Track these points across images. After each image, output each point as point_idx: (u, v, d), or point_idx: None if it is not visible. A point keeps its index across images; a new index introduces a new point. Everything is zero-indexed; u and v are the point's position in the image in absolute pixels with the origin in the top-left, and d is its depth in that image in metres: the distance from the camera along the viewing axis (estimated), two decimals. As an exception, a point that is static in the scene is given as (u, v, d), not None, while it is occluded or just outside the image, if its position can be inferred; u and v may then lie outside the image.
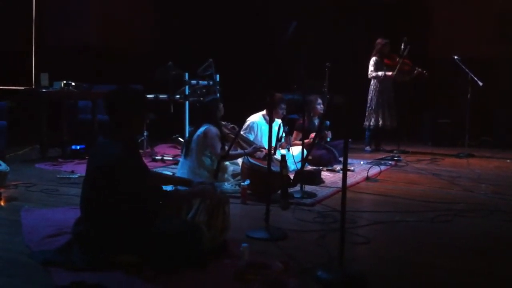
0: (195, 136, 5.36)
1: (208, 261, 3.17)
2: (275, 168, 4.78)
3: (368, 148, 8.80)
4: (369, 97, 8.77)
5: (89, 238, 3.15)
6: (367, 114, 8.73)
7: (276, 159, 5.20)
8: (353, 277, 3.08)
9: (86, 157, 7.10)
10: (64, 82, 7.38)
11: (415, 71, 8.58)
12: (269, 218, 3.89)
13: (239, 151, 5.57)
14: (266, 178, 4.50)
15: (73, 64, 8.67)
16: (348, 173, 6.56)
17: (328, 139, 7.17)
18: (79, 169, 6.30)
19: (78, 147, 7.38)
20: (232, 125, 5.72)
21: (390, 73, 8.48)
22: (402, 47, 8.34)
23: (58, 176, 5.79)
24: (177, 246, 3.12)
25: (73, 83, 7.44)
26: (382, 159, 7.74)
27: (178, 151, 7.65)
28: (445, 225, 4.35)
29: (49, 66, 8.22)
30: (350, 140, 7.60)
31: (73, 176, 5.79)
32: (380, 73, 8.55)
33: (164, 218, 3.32)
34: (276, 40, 4.58)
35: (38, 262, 3.16)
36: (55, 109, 7.72)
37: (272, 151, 5.68)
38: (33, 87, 8.56)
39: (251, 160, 5.24)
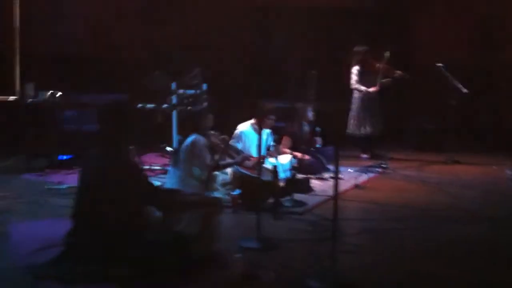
0: (183, 146, 5.36)
1: (199, 271, 3.18)
2: (265, 177, 4.79)
3: (364, 155, 8.78)
4: (354, 106, 8.79)
5: (82, 249, 3.14)
6: (353, 121, 8.74)
7: (266, 169, 5.21)
8: (345, 286, 3.09)
9: (73, 167, 7.10)
10: (50, 92, 7.33)
11: (396, 74, 8.62)
12: (260, 227, 3.90)
13: (228, 160, 5.57)
14: (257, 188, 4.52)
15: (58, 73, 8.58)
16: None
17: (318, 146, 7.19)
18: (67, 179, 6.25)
19: (64, 157, 7.32)
20: (223, 136, 5.71)
21: (371, 89, 8.51)
22: (385, 54, 8.42)
23: (46, 187, 5.74)
24: (167, 256, 3.12)
25: (59, 93, 7.39)
26: (369, 166, 7.76)
27: (166, 160, 7.62)
28: (434, 232, 4.39)
29: (33, 74, 8.14)
30: (335, 147, 7.72)
31: (62, 187, 5.75)
32: (362, 88, 8.56)
33: (154, 230, 3.32)
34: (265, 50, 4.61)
35: (29, 276, 3.13)
36: (40, 118, 7.65)
37: (268, 161, 5.73)
38: (17, 97, 8.49)
39: (240, 169, 5.24)
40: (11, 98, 7.87)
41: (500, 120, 9.99)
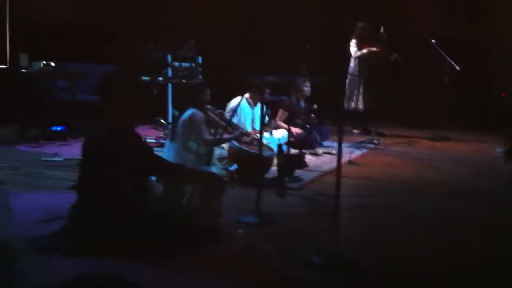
0: (181, 120, 5.38)
1: (200, 244, 3.24)
2: (265, 152, 4.84)
3: (355, 130, 8.87)
4: (347, 80, 8.85)
5: (86, 222, 3.19)
6: (346, 97, 8.81)
7: (265, 144, 5.26)
8: (346, 261, 3.18)
9: (67, 139, 7.12)
10: (44, 62, 7.29)
11: (392, 57, 8.68)
12: (259, 202, 3.96)
13: (226, 135, 5.61)
14: (254, 163, 4.58)
15: (50, 41, 8.50)
16: (330, 156, 6.74)
17: (313, 122, 7.26)
18: (62, 151, 6.27)
19: (58, 129, 7.31)
20: (219, 110, 5.74)
21: (374, 48, 8.57)
22: (381, 30, 8.46)
23: (42, 159, 5.75)
24: (169, 229, 3.19)
25: (52, 64, 7.35)
26: (361, 142, 7.86)
27: (159, 133, 7.65)
28: (427, 207, 4.51)
29: (25, 43, 8.06)
30: (329, 122, 7.79)
31: (58, 159, 5.77)
32: (364, 51, 8.63)
33: (157, 202, 3.38)
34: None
35: (33, 247, 3.18)
36: (33, 89, 7.61)
37: (258, 135, 5.75)
38: (7, 66, 8.39)
39: (237, 144, 5.29)
40: (1, 66, 7.81)
41: (490, 96, 10.09)
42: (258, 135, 6.01)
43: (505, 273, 3.26)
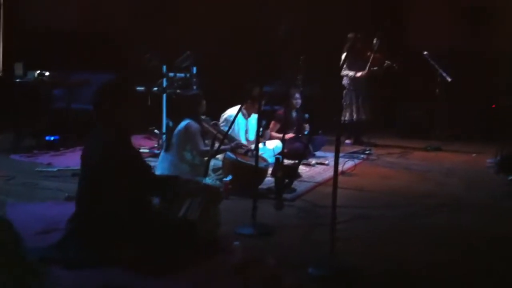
0: (176, 131, 5.41)
1: (200, 256, 3.27)
2: (260, 164, 4.87)
3: (348, 141, 8.91)
4: (344, 91, 8.89)
5: (85, 234, 3.20)
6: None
7: (259, 156, 5.28)
8: (346, 272, 3.22)
9: (61, 149, 7.12)
10: (38, 72, 7.30)
11: (385, 64, 8.73)
12: (256, 214, 3.99)
13: (222, 146, 5.64)
14: (249, 174, 4.61)
15: (46, 51, 8.50)
16: (323, 167, 6.78)
17: (306, 132, 7.30)
18: (56, 161, 6.28)
19: (52, 138, 7.31)
20: (214, 121, 5.77)
21: (359, 74, 8.61)
22: (374, 41, 8.53)
23: (36, 169, 5.76)
24: (169, 241, 3.21)
25: (47, 73, 7.36)
26: (354, 152, 7.90)
27: (153, 143, 7.67)
28: (421, 219, 4.57)
29: (18, 50, 8.06)
30: (320, 132, 7.84)
31: (52, 169, 5.77)
32: (351, 73, 8.65)
33: (155, 215, 3.41)
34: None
35: (34, 258, 3.18)
36: (28, 98, 7.61)
37: (253, 147, 5.79)
38: (1, 74, 8.40)
39: (232, 155, 5.32)
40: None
41: (482, 107, 10.16)
42: (253, 146, 6.09)
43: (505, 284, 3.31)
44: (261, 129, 6.32)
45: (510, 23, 10.13)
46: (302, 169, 6.49)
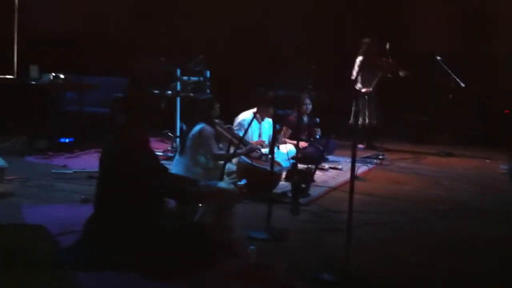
0: (190, 135, 5.42)
1: (213, 260, 3.29)
2: (275, 168, 4.88)
3: (360, 145, 8.90)
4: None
5: (103, 236, 3.24)
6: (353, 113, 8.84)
7: (276, 161, 5.30)
8: (358, 278, 3.22)
9: (76, 151, 7.18)
10: (53, 74, 7.37)
11: (401, 73, 8.72)
12: (270, 218, 4.00)
13: (236, 150, 5.66)
14: (263, 178, 4.63)
15: (60, 53, 8.56)
16: (336, 171, 6.79)
17: (318, 136, 7.31)
18: (71, 163, 6.34)
19: (66, 140, 7.38)
20: (228, 125, 5.80)
21: (363, 90, 8.62)
22: (387, 46, 8.54)
23: (52, 171, 5.81)
24: (183, 245, 3.24)
25: (62, 76, 7.43)
26: (367, 157, 7.90)
27: (167, 146, 7.71)
28: (434, 226, 4.56)
29: (32, 54, 8.13)
30: (333, 136, 7.84)
31: (68, 171, 5.82)
32: (357, 86, 8.65)
33: (171, 219, 3.43)
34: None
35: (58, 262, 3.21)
36: (42, 100, 7.68)
37: (267, 150, 5.81)
38: (14, 76, 8.45)
39: (246, 159, 5.34)
40: (8, 77, 7.89)
41: (493, 113, 10.13)
42: (264, 145, 6.12)
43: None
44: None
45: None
46: (315, 173, 6.49)
